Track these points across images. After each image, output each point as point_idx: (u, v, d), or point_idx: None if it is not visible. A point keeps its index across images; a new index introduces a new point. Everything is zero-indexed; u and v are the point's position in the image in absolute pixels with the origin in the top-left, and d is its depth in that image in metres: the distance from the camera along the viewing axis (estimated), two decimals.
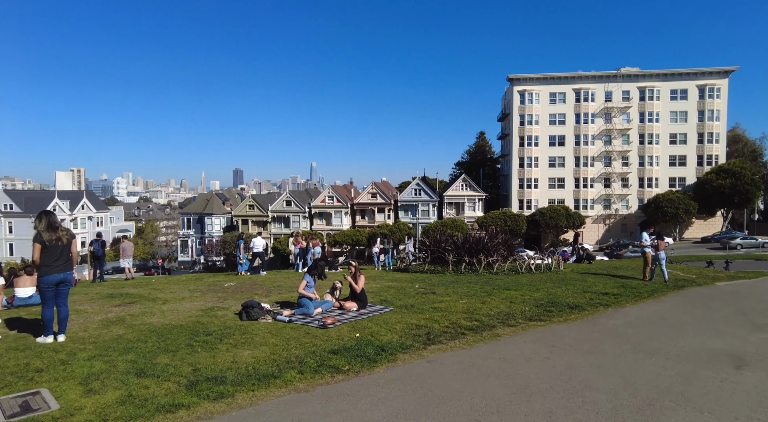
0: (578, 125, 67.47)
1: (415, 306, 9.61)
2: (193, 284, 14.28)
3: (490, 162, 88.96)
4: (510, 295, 11.43)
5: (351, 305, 8.95)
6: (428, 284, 13.50)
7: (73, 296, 11.63)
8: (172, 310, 9.14)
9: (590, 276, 16.14)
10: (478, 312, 9.14)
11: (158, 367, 5.49)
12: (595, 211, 67.37)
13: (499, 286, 13.11)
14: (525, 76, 68.38)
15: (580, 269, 19.34)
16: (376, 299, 10.40)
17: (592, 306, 9.98)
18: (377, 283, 13.98)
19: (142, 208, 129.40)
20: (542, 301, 10.55)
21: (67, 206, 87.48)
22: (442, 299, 10.62)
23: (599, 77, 67.39)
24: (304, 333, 7.32)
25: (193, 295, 11.48)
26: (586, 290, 12.48)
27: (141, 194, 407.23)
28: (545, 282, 14.22)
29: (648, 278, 14.64)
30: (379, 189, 73.95)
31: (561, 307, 9.82)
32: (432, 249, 18.80)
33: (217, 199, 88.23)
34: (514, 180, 69.09)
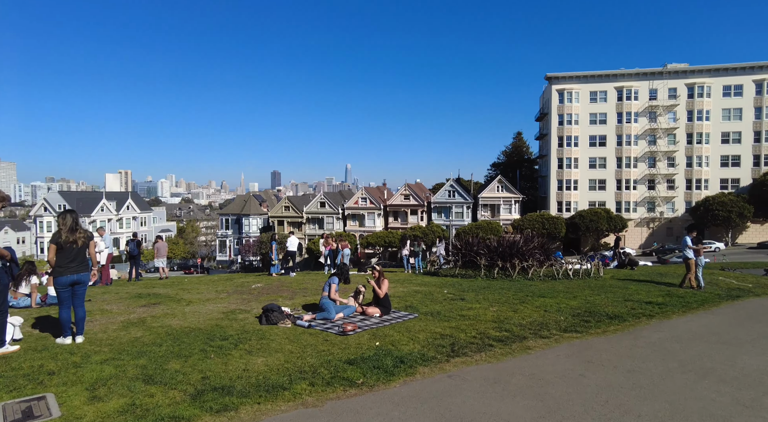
0: (620, 125, 64.82)
1: (441, 313, 9.17)
2: (222, 284, 14.32)
3: (527, 163, 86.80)
4: (544, 303, 10.80)
5: (374, 311, 8.61)
6: (458, 290, 13.00)
7: (104, 295, 11.84)
8: (194, 312, 9.07)
9: (632, 283, 15.20)
10: (509, 321, 8.61)
11: (168, 374, 5.31)
12: (638, 214, 64.50)
13: (533, 293, 12.46)
14: (564, 74, 66.33)
15: (621, 275, 18.31)
16: (401, 305, 10.02)
17: (634, 317, 9.25)
18: (404, 287, 13.59)
19: (183, 209, 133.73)
20: (579, 310, 9.88)
21: (113, 206, 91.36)
22: (471, 307, 10.13)
23: (643, 74, 64.54)
24: (322, 339, 7.03)
25: (219, 296, 11.44)
26: (627, 298, 11.67)
27: (183, 195, 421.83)
28: (583, 289, 13.44)
29: (695, 286, 13.76)
30: (412, 191, 73.46)
31: (599, 317, 9.14)
32: (463, 253, 18.24)
33: (254, 200, 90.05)
34: (553, 182, 67.07)
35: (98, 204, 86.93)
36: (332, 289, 8.83)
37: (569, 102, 65.89)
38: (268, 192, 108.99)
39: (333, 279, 9.03)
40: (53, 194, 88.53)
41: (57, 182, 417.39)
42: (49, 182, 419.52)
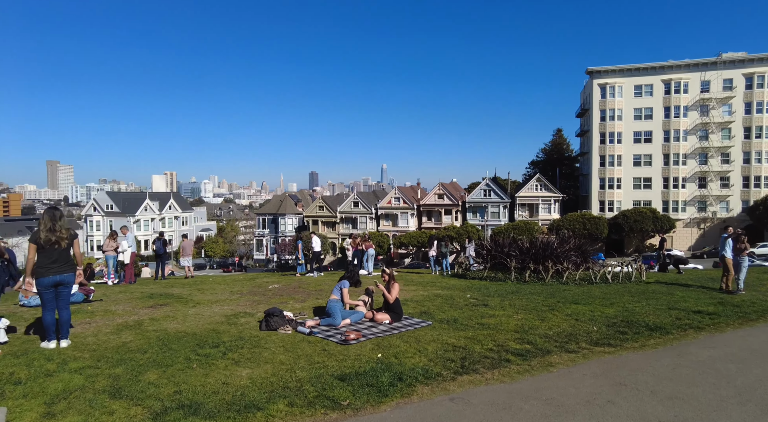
0: (667, 120, 61.27)
1: (459, 321, 8.39)
2: (240, 285, 14.02)
3: (567, 161, 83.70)
4: (577, 310, 9.81)
5: (383, 318, 7.94)
6: (482, 294, 12.13)
7: (119, 294, 11.71)
8: (197, 315, 8.68)
9: (679, 289, 13.85)
10: (534, 332, 7.74)
11: (139, 386, 4.84)
12: (687, 214, 60.78)
13: (565, 299, 11.44)
14: (606, 68, 63.36)
15: (667, 279, 16.87)
16: (416, 311, 9.30)
17: (679, 329, 8.16)
18: (426, 290, 12.84)
19: (224, 208, 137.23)
20: (615, 319, 8.86)
21: (156, 206, 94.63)
22: (493, 313, 9.29)
23: (694, 65, 60.74)
24: (320, 349, 6.43)
25: (231, 298, 11.07)
26: (672, 306, 10.50)
27: (225, 195, 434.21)
28: (622, 295, 12.29)
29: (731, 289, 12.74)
30: (446, 190, 72.18)
31: (638, 328, 8.11)
32: (492, 254, 17.27)
33: (290, 200, 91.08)
34: (594, 180, 64.19)
35: (142, 204, 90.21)
36: (344, 293, 8.24)
37: (611, 97, 62.88)
38: (303, 192, 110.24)
39: (343, 283, 8.44)
40: (101, 194, 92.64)
41: (108, 184, 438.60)
42: (102, 183, 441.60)
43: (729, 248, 13.57)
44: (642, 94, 62.45)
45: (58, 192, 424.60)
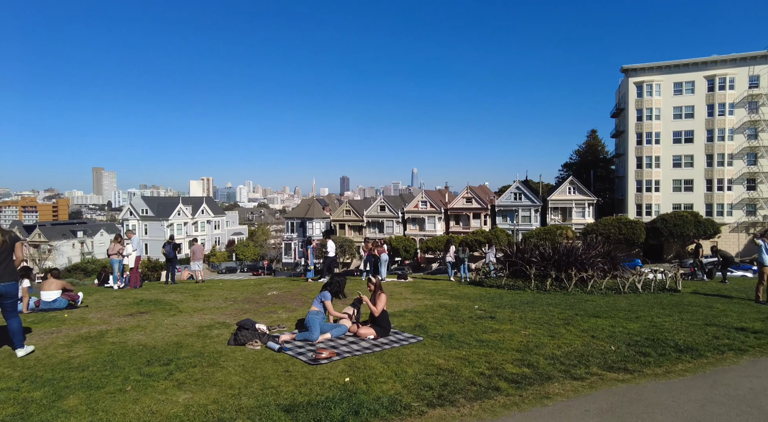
0: (711, 118, 57.80)
1: (455, 336, 7.44)
2: (239, 291, 13.46)
3: (602, 163, 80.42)
4: (596, 325, 8.67)
5: (367, 332, 7.08)
6: (493, 305, 11.09)
7: (110, 300, 11.30)
8: (171, 325, 8.06)
9: (720, 300, 12.40)
10: (539, 351, 6.73)
11: (48, 415, 4.18)
12: (733, 218, 57.04)
13: (585, 311, 10.28)
14: (642, 65, 60.47)
15: (707, 289, 15.31)
16: (410, 324, 8.39)
17: (716, 351, 6.95)
18: (432, 299, 11.89)
19: (255, 213, 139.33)
20: (639, 337, 7.71)
21: (189, 210, 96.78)
22: (498, 328, 8.28)
23: (741, 60, 57.11)
24: (283, 369, 5.64)
25: (221, 305, 10.46)
26: (710, 322, 9.20)
27: (260, 200, 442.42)
28: (651, 307, 11.01)
29: (762, 299, 11.68)
30: (475, 193, 70.52)
31: (664, 349, 6.96)
32: (512, 261, 16.11)
33: (318, 204, 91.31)
34: (631, 182, 61.24)
35: (175, 208, 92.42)
36: (327, 305, 7.44)
37: (649, 95, 59.90)
38: (331, 196, 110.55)
39: (324, 294, 7.62)
40: (137, 199, 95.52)
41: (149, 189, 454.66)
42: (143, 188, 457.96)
43: (766, 255, 12.14)
44: (682, 91, 59.21)
45: (103, 197, 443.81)
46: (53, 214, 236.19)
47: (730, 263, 18.52)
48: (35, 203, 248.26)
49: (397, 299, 11.80)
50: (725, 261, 18.61)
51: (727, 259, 18.55)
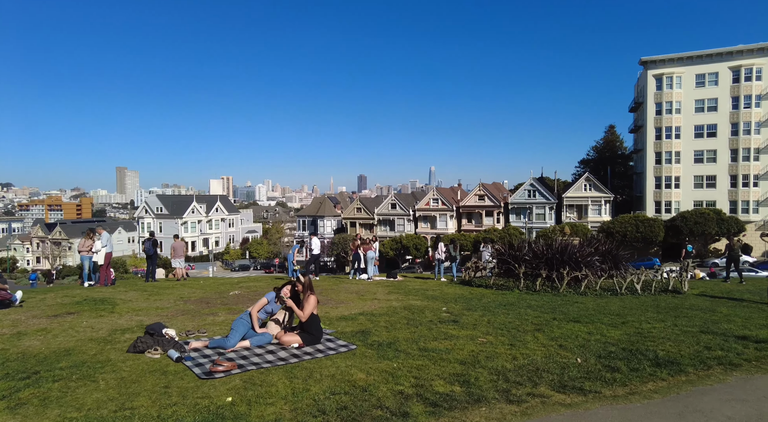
0: (735, 111, 55.13)
1: (397, 345, 6.49)
2: (204, 289, 12.73)
3: (620, 159, 77.86)
4: (570, 332, 7.62)
5: (291, 340, 6.17)
6: (466, 307, 10.08)
7: (55, 299, 10.66)
8: (86, 328, 7.31)
9: (728, 303, 11.16)
10: (487, 363, 5.74)
11: None
12: (760, 216, 54.34)
13: (566, 315, 9.20)
14: (662, 57, 58.05)
15: (716, 291, 13.98)
16: (354, 328, 7.46)
17: (701, 365, 5.86)
18: (403, 300, 10.93)
19: (270, 211, 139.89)
20: (615, 347, 6.65)
21: (203, 209, 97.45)
22: (454, 334, 7.30)
23: None
24: (163, 385, 4.78)
25: (167, 305, 9.72)
26: (706, 328, 8.05)
27: (278, 198, 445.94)
28: (645, 311, 9.86)
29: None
30: (487, 191, 68.99)
31: (640, 362, 5.90)
32: (502, 259, 15.02)
33: (329, 202, 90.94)
34: (649, 179, 58.95)
35: (189, 206, 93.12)
36: (254, 307, 6.57)
37: (668, 88, 57.49)
38: (343, 194, 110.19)
39: (269, 294, 6.75)
40: (152, 197, 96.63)
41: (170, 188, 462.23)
42: (164, 187, 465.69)
43: None
44: (705, 83, 56.64)
45: (126, 196, 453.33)
46: (77, 212, 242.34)
47: (736, 261, 17.13)
48: (60, 202, 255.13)
49: (365, 301, 10.90)
50: (731, 259, 17.22)
51: (733, 257, 17.15)
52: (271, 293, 6.65)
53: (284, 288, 6.53)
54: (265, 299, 6.54)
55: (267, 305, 6.54)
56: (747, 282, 17.01)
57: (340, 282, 15.64)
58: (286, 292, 6.48)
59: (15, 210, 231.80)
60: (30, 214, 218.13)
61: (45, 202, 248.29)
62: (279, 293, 6.52)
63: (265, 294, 6.92)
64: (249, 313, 6.39)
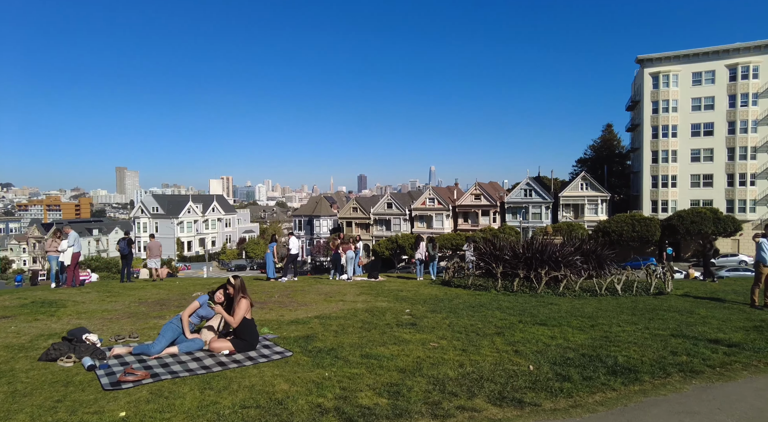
0: (733, 109, 54.67)
1: (339, 351, 6.07)
2: (166, 291, 12.32)
3: (618, 158, 77.45)
4: (532, 336, 7.21)
5: (221, 346, 5.75)
6: (432, 308, 9.66)
7: (10, 300, 10.26)
8: (12, 334, 6.90)
9: (709, 305, 10.74)
10: (429, 371, 5.33)
11: None
12: (757, 214, 53.89)
13: (535, 317, 8.78)
14: (658, 55, 57.59)
15: (701, 291, 13.55)
16: (300, 333, 7.04)
17: (661, 372, 5.44)
18: (369, 302, 10.51)
19: (268, 211, 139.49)
20: (575, 353, 6.23)
21: (200, 208, 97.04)
22: (406, 339, 6.89)
23: (766, 47, 53.82)
24: (56, 399, 4.35)
25: (118, 308, 9.31)
26: (678, 332, 7.63)
27: (278, 198, 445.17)
28: (621, 313, 9.44)
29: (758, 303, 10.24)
30: (483, 190, 68.54)
31: (595, 369, 5.49)
32: (482, 259, 14.61)
33: (325, 201, 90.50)
34: (646, 178, 58.50)
35: (185, 207, 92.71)
36: (189, 308, 6.16)
37: (665, 86, 57.02)
38: (339, 193, 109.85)
39: (201, 298, 6.34)
40: (148, 197, 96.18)
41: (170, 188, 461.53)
42: (164, 187, 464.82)
43: (762, 254, 10.50)
44: (702, 82, 56.17)
45: (125, 196, 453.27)
46: (76, 212, 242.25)
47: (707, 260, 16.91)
48: (59, 202, 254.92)
49: (329, 302, 10.48)
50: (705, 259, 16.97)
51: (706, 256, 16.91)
52: (203, 297, 6.24)
53: (217, 292, 6.12)
54: (197, 303, 6.14)
55: (200, 310, 6.13)
56: (735, 282, 16.58)
57: (315, 283, 15.24)
58: (219, 296, 6.07)
59: (14, 210, 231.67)
60: (29, 214, 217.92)
61: (43, 202, 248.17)
62: (212, 296, 6.11)
63: (198, 298, 6.50)
64: (180, 317, 5.98)
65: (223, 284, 6.29)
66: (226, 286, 6.12)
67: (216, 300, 6.06)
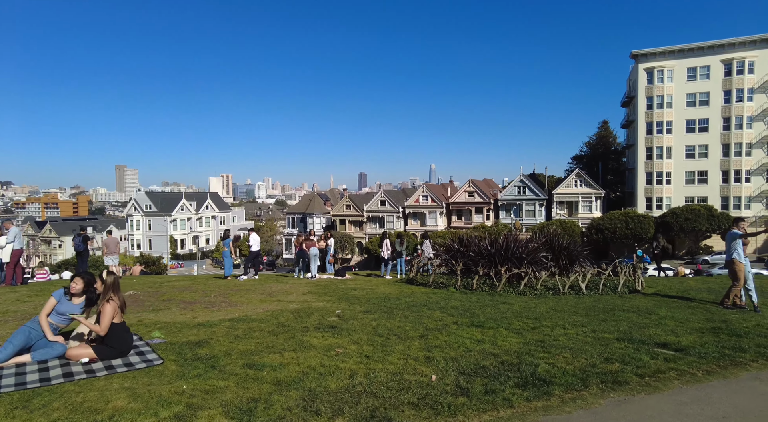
0: (728, 105, 53.83)
1: (218, 360, 5.35)
2: None
3: (614, 155, 76.60)
4: (458, 339, 6.51)
5: (80, 354, 5.02)
6: (368, 309, 8.95)
7: None
8: None
9: (673, 304, 10.01)
10: (308, 384, 4.62)
11: None
12: (752, 211, 53.05)
13: (474, 318, 8.07)
14: (653, 50, 56.70)
15: (676, 290, 12.77)
16: (196, 337, 6.33)
17: (578, 383, 4.73)
18: (303, 303, 9.79)
19: (264, 208, 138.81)
20: (496, 359, 5.53)
21: (193, 206, 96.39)
22: (312, 345, 6.18)
23: (762, 41, 52.86)
24: None
25: (17, 309, 8.59)
26: (625, 335, 6.92)
27: (278, 196, 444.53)
28: (574, 314, 8.72)
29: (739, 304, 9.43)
30: (477, 187, 67.78)
31: (506, 381, 4.78)
32: (443, 257, 13.90)
33: (319, 199, 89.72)
34: (640, 174, 57.70)
35: (178, 204, 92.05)
36: (44, 310, 5.38)
37: (660, 82, 56.15)
38: (333, 191, 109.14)
39: (56, 293, 5.56)
40: (141, 195, 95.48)
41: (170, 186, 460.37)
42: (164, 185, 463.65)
43: (741, 250, 9.79)
44: (697, 77, 55.31)
45: (125, 194, 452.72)
46: (74, 210, 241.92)
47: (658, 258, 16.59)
48: (57, 200, 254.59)
49: (265, 303, 9.78)
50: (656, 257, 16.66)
51: (656, 254, 16.56)
52: (58, 291, 5.51)
53: (73, 282, 5.39)
54: (53, 299, 5.41)
55: (59, 306, 5.40)
56: (716, 280, 15.83)
57: (269, 282, 14.54)
58: (74, 286, 5.34)
59: (13, 208, 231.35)
60: (26, 212, 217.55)
61: (41, 200, 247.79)
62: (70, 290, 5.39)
63: None
64: (37, 319, 5.27)
65: (77, 273, 5.56)
66: (90, 281, 5.40)
67: (72, 290, 5.34)
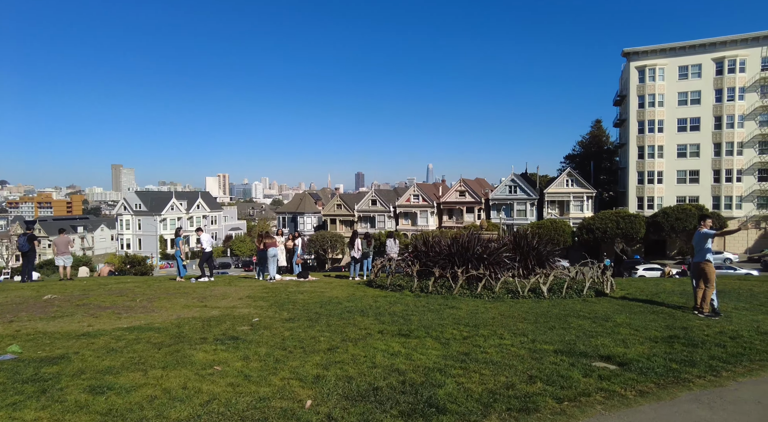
0: (719, 104, 53.18)
1: (58, 379, 4.53)
2: (46, 292, 10.79)
3: (606, 154, 75.95)
4: (371, 352, 5.72)
5: None
6: (292, 316, 8.13)
7: None
8: None
9: (635, 309, 9.21)
10: (144, 414, 3.81)
11: None
12: (743, 211, 52.44)
13: (405, 326, 7.27)
14: (645, 48, 55.99)
15: (647, 293, 11.98)
16: (61, 350, 5.52)
17: (477, 413, 3.94)
18: (228, 308, 8.96)
19: (257, 208, 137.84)
20: (402, 377, 4.75)
21: (184, 205, 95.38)
22: (190, 361, 5.36)
23: (753, 40, 52.29)
24: None
25: None
26: (566, 347, 6.15)
27: (275, 196, 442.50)
28: (521, 321, 7.94)
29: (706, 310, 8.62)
30: (468, 187, 67.02)
31: (389, 408, 3.98)
32: (404, 258, 13.09)
33: (310, 198, 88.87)
34: (632, 174, 57.02)
35: (168, 203, 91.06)
36: None
37: (651, 80, 55.47)
38: (325, 190, 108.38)
39: None
40: (131, 194, 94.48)
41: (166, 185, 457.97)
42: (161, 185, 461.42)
43: (710, 250, 9.00)
44: (688, 75, 54.64)
45: (121, 194, 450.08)
46: (68, 209, 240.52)
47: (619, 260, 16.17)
48: (50, 199, 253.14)
49: (188, 308, 8.95)
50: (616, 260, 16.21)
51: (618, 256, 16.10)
52: None
53: None
54: None
55: None
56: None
57: (215, 284, 13.71)
58: None
59: (6, 208, 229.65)
60: (19, 211, 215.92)
61: (35, 199, 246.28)
62: None
63: None
64: None
65: None
66: None
67: None
